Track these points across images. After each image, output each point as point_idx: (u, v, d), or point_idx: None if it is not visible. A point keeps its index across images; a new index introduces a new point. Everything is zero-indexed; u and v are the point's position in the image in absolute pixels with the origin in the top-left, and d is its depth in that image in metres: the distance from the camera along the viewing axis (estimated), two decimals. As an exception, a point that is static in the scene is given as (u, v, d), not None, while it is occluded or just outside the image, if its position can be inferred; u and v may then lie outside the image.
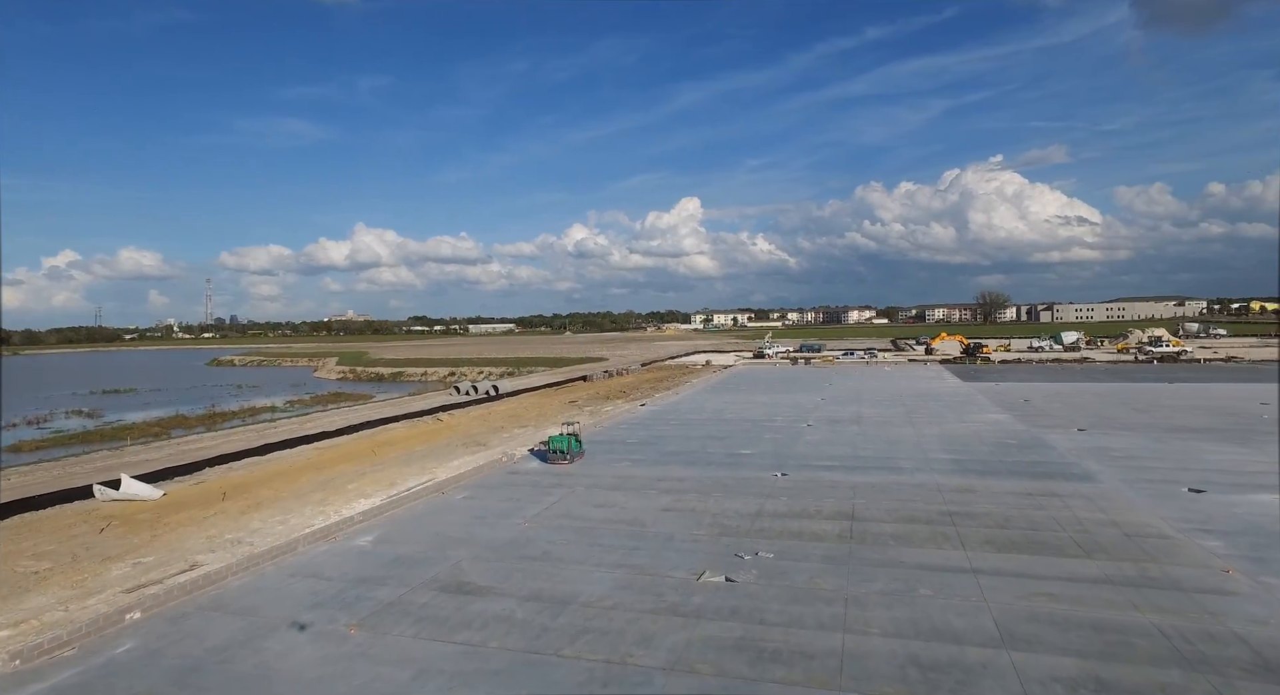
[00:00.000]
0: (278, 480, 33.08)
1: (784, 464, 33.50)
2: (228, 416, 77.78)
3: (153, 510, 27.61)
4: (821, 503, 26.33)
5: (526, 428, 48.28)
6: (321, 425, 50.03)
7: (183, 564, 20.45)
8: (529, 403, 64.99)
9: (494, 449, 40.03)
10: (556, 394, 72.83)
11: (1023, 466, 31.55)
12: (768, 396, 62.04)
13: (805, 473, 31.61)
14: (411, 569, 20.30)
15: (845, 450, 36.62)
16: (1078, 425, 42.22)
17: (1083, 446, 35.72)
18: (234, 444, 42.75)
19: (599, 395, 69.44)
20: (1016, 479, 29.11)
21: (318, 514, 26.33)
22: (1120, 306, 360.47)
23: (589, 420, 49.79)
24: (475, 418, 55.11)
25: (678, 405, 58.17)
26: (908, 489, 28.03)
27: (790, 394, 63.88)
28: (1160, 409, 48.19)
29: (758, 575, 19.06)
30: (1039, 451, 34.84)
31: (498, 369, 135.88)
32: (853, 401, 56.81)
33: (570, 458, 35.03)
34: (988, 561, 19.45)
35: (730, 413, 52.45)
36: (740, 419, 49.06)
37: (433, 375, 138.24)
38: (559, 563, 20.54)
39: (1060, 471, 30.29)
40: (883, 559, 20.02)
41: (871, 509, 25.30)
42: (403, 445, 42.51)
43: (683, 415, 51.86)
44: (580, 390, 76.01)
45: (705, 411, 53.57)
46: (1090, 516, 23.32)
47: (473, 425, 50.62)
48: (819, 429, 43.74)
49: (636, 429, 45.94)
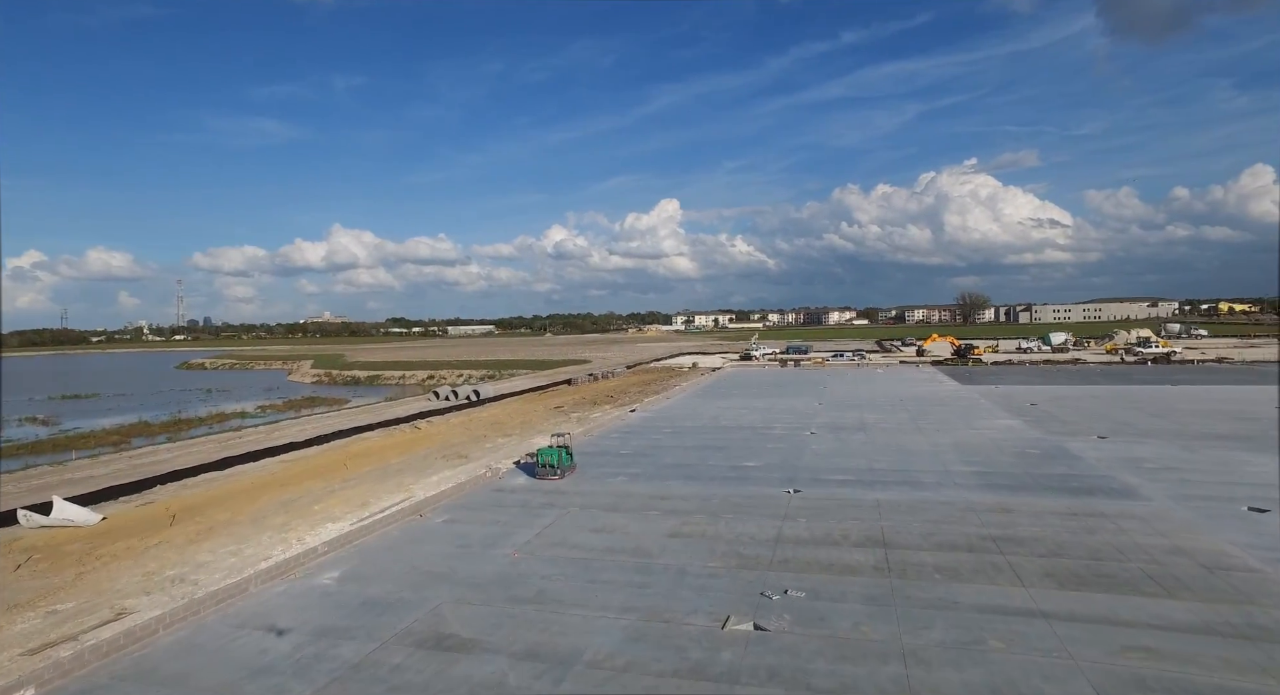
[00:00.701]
0: (236, 500, 29.72)
1: (794, 478, 30.75)
2: (194, 423, 73.78)
3: (86, 539, 24.21)
4: (845, 525, 23.58)
5: (511, 437, 45.15)
6: (290, 435, 46.51)
7: (107, 612, 17.20)
8: (512, 409, 61.80)
9: (477, 462, 36.90)
10: (541, 399, 69.67)
11: (1054, 480, 29.05)
12: (763, 401, 59.38)
13: (819, 489, 28.87)
14: (383, 615, 17.22)
15: (857, 462, 33.96)
16: (1097, 432, 39.94)
17: (1111, 456, 33.36)
18: (191, 457, 39.19)
19: (585, 400, 66.41)
20: (1054, 496, 26.57)
21: (277, 542, 23.10)
22: (1097, 307, 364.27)
23: (577, 428, 46.77)
24: (456, 426, 51.84)
25: (670, 411, 55.31)
26: (937, 508, 25.37)
27: (786, 398, 61.29)
28: (1175, 413, 46.14)
29: (791, 621, 16.23)
30: (1066, 462, 32.40)
31: (478, 372, 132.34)
32: (853, 406, 54.31)
33: (561, 472, 32.03)
34: (1056, 602, 16.76)
35: (727, 419, 49.68)
36: (738, 426, 46.30)
37: (411, 378, 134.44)
38: (557, 606, 17.55)
39: (1098, 486, 27.80)
40: (933, 598, 17.27)
41: (903, 533, 22.59)
42: (377, 457, 39.21)
43: (676, 422, 49.02)
44: (565, 395, 72.92)
45: (700, 418, 50.75)
46: (1153, 542, 20.75)
47: (453, 434, 47.38)
48: (824, 437, 41.09)
49: (629, 438, 43.00)
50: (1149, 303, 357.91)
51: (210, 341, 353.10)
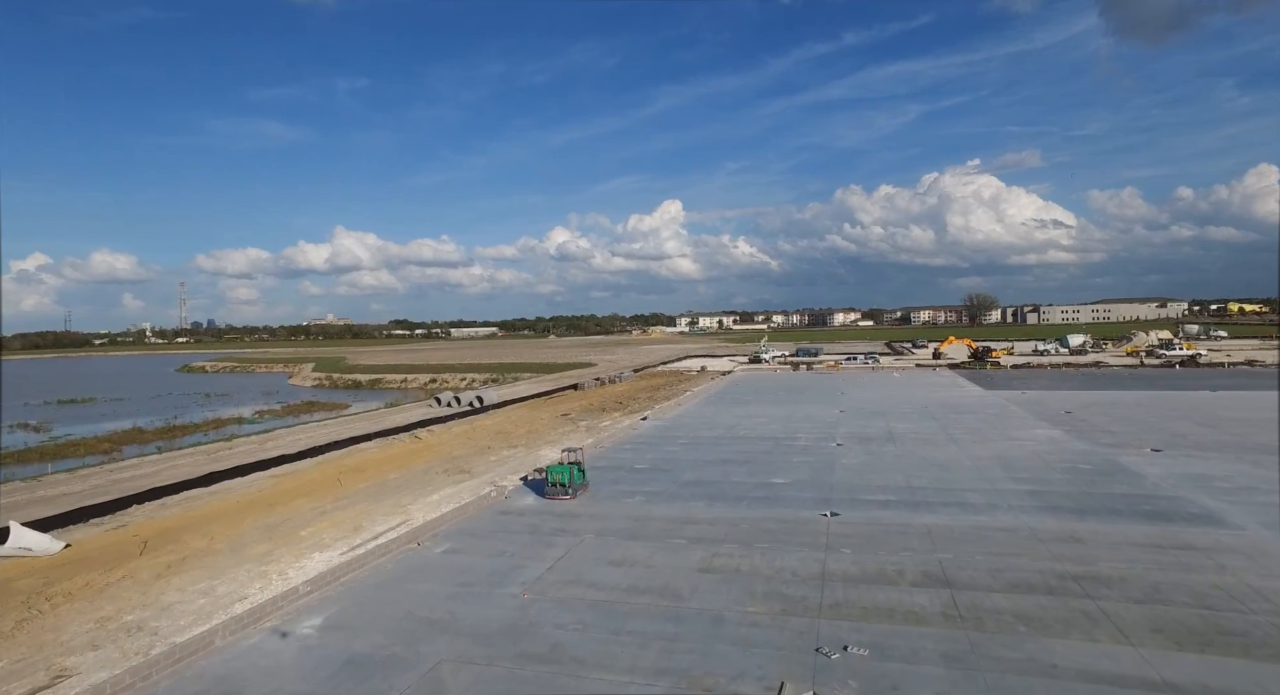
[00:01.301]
0: (216, 523, 27.06)
1: (829, 498, 27.97)
2: (189, 430, 71.39)
3: (42, 572, 21.56)
4: (898, 558, 20.80)
5: (516, 448, 42.45)
6: (283, 446, 43.87)
7: (42, 675, 14.52)
8: (517, 416, 59.12)
9: (480, 477, 34.20)
10: (546, 405, 66.97)
11: (1119, 502, 26.22)
12: (780, 408, 56.57)
13: (859, 511, 26.09)
14: (370, 679, 14.51)
15: (894, 478, 31.16)
16: (1148, 444, 37.07)
17: (1174, 473, 30.50)
18: (176, 471, 36.59)
19: (593, 406, 63.70)
20: (1127, 521, 23.74)
21: (255, 577, 20.43)
22: (1105, 308, 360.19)
23: (587, 439, 44.05)
24: (458, 435, 49.16)
25: (683, 419, 52.55)
26: (997, 536, 22.57)
27: (803, 405, 58.48)
28: (1227, 423, 43.20)
29: (859, 690, 13.49)
30: (1127, 480, 29.56)
31: (481, 376, 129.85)
32: (877, 414, 51.48)
33: (572, 491, 29.29)
34: (1178, 667, 13.96)
35: (745, 428, 46.90)
36: (758, 436, 43.51)
37: (413, 382, 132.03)
38: (576, 666, 14.82)
39: (1174, 510, 24.94)
40: (1023, 660, 14.49)
41: (966, 569, 19.81)
42: (374, 472, 36.54)
43: (692, 431, 46.25)
44: (572, 400, 70.20)
45: (716, 427, 47.98)
46: (1271, 586, 17.90)
47: (455, 445, 44.70)
48: (852, 450, 38.30)
49: (643, 450, 40.26)
50: (1158, 303, 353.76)
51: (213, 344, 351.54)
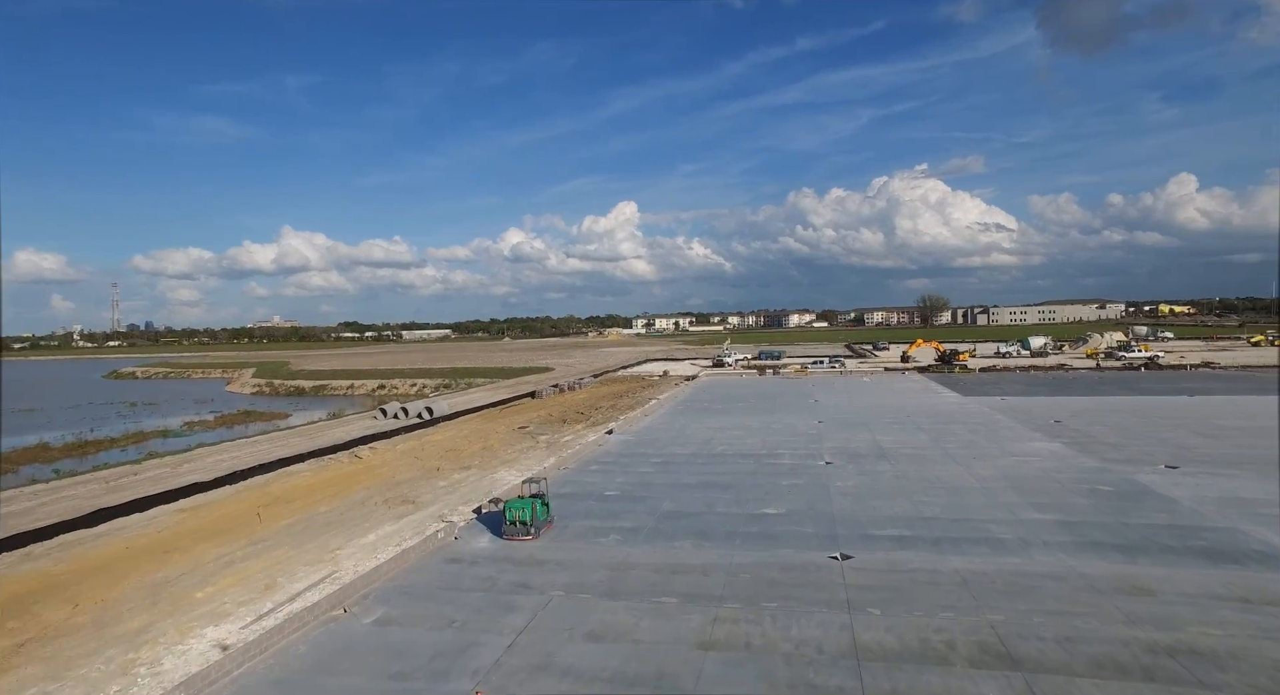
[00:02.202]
0: (90, 581, 21.88)
1: (834, 535, 24.13)
2: (104, 445, 64.68)
3: None
4: (940, 622, 16.98)
5: (469, 470, 37.74)
6: (199, 471, 38.31)
7: None
8: (470, 429, 54.21)
9: (427, 509, 29.50)
10: (502, 416, 62.12)
11: (1166, 536, 22.96)
12: (755, 419, 52.88)
13: (873, 551, 22.30)
14: None
15: (900, 506, 27.53)
16: (1156, 459, 34.32)
17: (1205, 496, 27.55)
18: (59, 506, 30.95)
19: (553, 417, 59.14)
20: (1188, 564, 20.34)
21: (115, 673, 15.56)
22: (1051, 309, 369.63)
23: (548, 458, 39.58)
24: (404, 453, 44.13)
25: (653, 432, 48.41)
26: (1047, 586, 18.95)
27: (779, 414, 54.91)
28: (1225, 433, 40.94)
29: None
30: (1160, 506, 26.43)
31: (433, 382, 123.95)
32: (859, 424, 48.13)
33: (535, 530, 24.85)
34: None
35: (721, 443, 42.98)
36: (738, 453, 39.62)
37: (360, 389, 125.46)
38: None
39: (1235, 547, 21.69)
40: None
41: (1028, 637, 16.07)
42: (302, 503, 31.48)
43: (664, 447, 42.13)
44: (529, 410, 65.47)
45: (690, 441, 43.96)
46: (1401, 657, 14.62)
47: (399, 466, 39.73)
48: (843, 469, 34.68)
49: (612, 471, 35.98)
50: (1097, 304, 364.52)
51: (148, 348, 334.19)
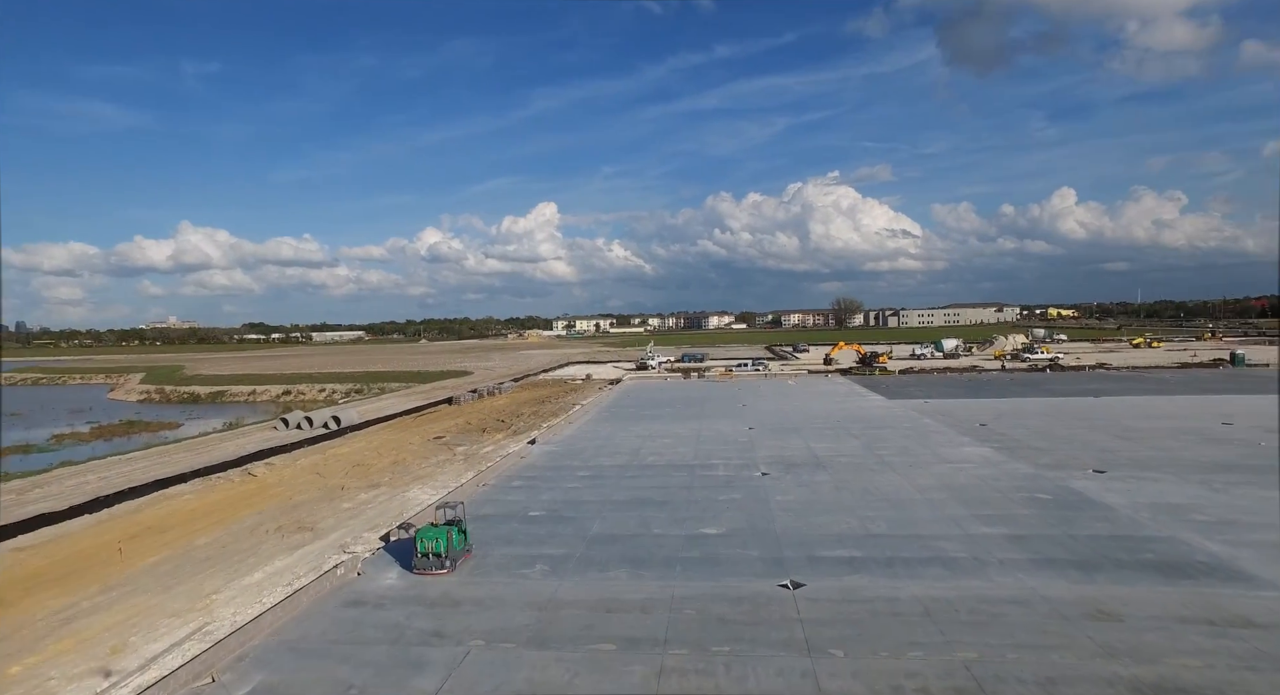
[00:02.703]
0: (-107, 648, 17.76)
1: (781, 558, 22.39)
2: (-52, 465, 56.91)
3: None
4: (910, 664, 15.31)
5: (378, 489, 34.33)
6: (54, 497, 33.40)
7: None
8: (381, 440, 50.31)
9: (327, 538, 26.17)
10: (416, 425, 58.27)
11: (1114, 548, 22.25)
12: (684, 425, 51.16)
13: (824, 577, 20.62)
14: None
15: (846, 522, 26.11)
16: (1082, 463, 34.42)
17: (1138, 502, 27.34)
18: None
19: (471, 426, 55.81)
20: (1145, 581, 19.48)
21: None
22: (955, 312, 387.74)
23: (466, 472, 36.58)
24: (305, 470, 40.11)
25: (578, 441, 45.94)
26: (1013, 615, 17.63)
27: (708, 420, 53.41)
28: (1138, 434, 41.87)
29: None
30: (1100, 514, 25.96)
31: (343, 387, 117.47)
32: (790, 430, 47.09)
33: (450, 562, 22.05)
34: None
35: (651, 453, 40.96)
36: (669, 464, 37.69)
37: (263, 395, 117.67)
38: None
39: (1183, 559, 21.06)
40: None
41: (1006, 679, 14.55)
42: (178, 534, 27.49)
43: (591, 459, 39.76)
44: (446, 418, 61.81)
45: (618, 452, 41.74)
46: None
47: (300, 485, 35.87)
48: (781, 480, 33.23)
49: (536, 487, 33.35)
50: (995, 308, 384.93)
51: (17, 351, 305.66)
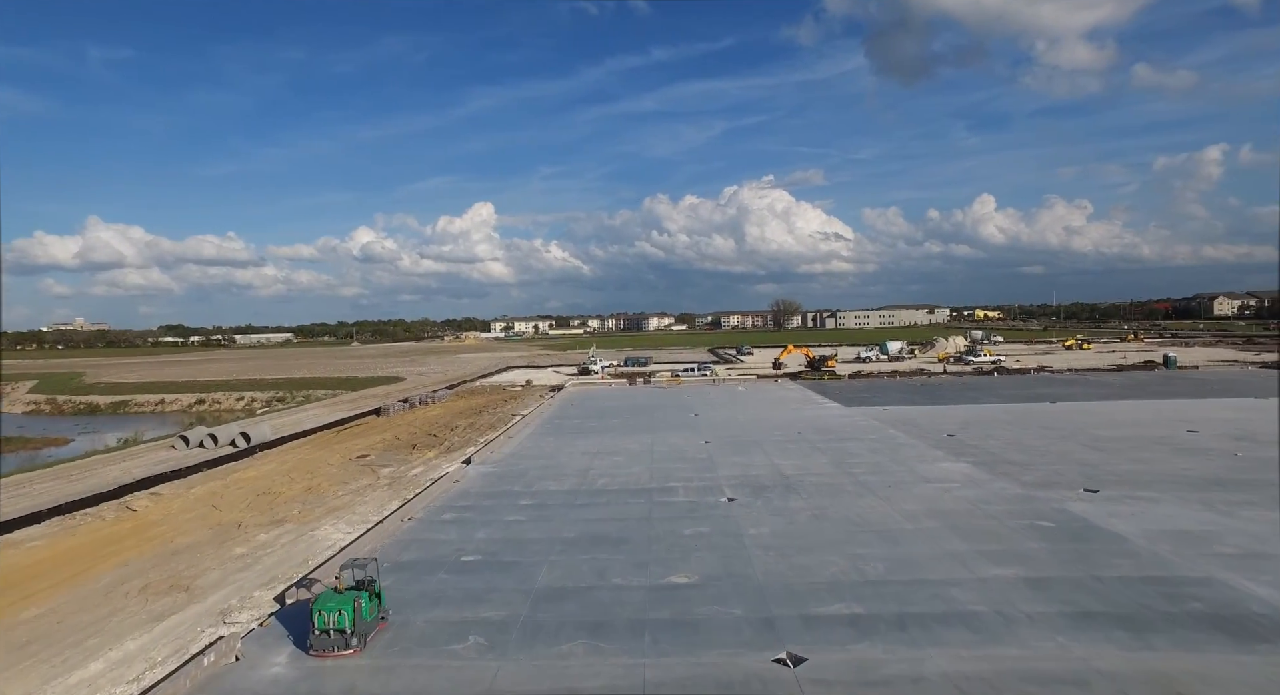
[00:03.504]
0: None
1: (770, 618, 18.51)
2: None
3: None
4: (964, 789, 11.61)
5: (282, 526, 29.13)
6: None
7: None
8: (296, 460, 44.63)
9: (205, 600, 21.09)
10: (339, 441, 52.56)
11: (1148, 594, 19.12)
12: (635, 439, 47.10)
13: (826, 644, 16.83)
14: None
15: (835, 564, 22.44)
16: (1075, 482, 31.82)
17: (1150, 530, 24.54)
18: None
19: (399, 441, 50.51)
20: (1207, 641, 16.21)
21: None
22: (890, 313, 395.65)
23: (391, 499, 31.65)
24: (198, 501, 34.41)
25: (518, 460, 41.37)
26: (1066, 698, 14.19)
27: (659, 432, 49.50)
28: (1111, 445, 39.83)
29: None
30: (1114, 548, 22.98)
31: (264, 395, 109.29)
32: (750, 444, 43.56)
33: (359, 639, 17.38)
34: None
35: (602, 473, 36.77)
36: (623, 487, 33.56)
37: (173, 405, 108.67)
38: None
39: (1232, 607, 17.97)
40: None
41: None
42: (11, 598, 21.90)
43: (534, 482, 35.31)
44: (373, 431, 56.21)
45: (565, 473, 37.38)
46: None
47: (186, 523, 30.30)
48: (751, 507, 29.50)
49: (471, 521, 28.73)
50: (927, 309, 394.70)
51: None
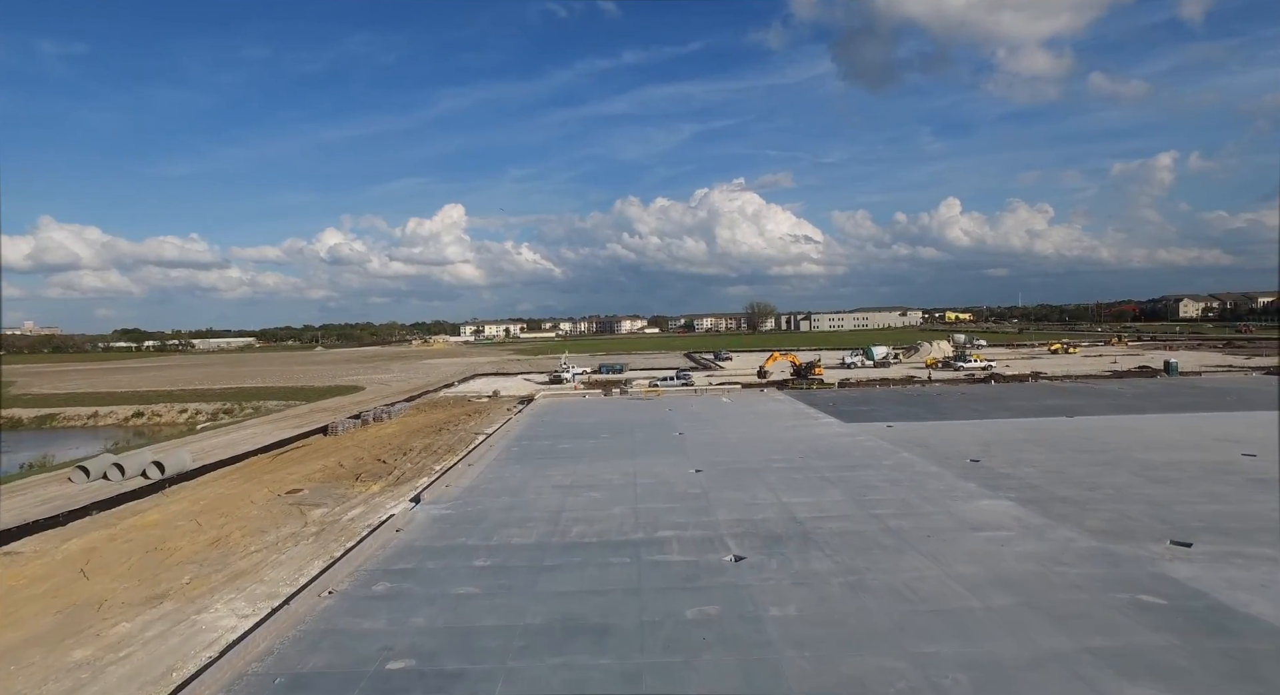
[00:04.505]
0: None
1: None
2: None
3: None
4: None
5: (160, 603, 22.22)
6: None
7: None
8: (213, 498, 37.53)
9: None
10: (273, 468, 45.43)
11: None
12: (612, 466, 40.70)
13: None
14: None
15: (903, 675, 16.31)
16: (1157, 532, 26.12)
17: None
18: None
19: (343, 469, 43.61)
20: None
21: None
22: (864, 316, 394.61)
23: (313, 558, 24.88)
24: (63, 564, 27.29)
25: (477, 497, 34.78)
26: None
27: (641, 456, 43.19)
28: (1166, 474, 34.38)
29: None
30: (1266, 643, 17.28)
31: (210, 406, 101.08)
32: (747, 474, 37.43)
33: None
34: None
35: (576, 517, 30.36)
36: (603, 541, 27.15)
37: (108, 418, 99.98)
38: None
39: None
40: None
41: None
42: None
43: (493, 532, 28.76)
44: (314, 457, 49.13)
45: (531, 516, 30.89)
46: None
47: (28, 603, 23.24)
48: (764, 570, 23.28)
49: (410, 598, 22.09)
50: (900, 311, 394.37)
51: None
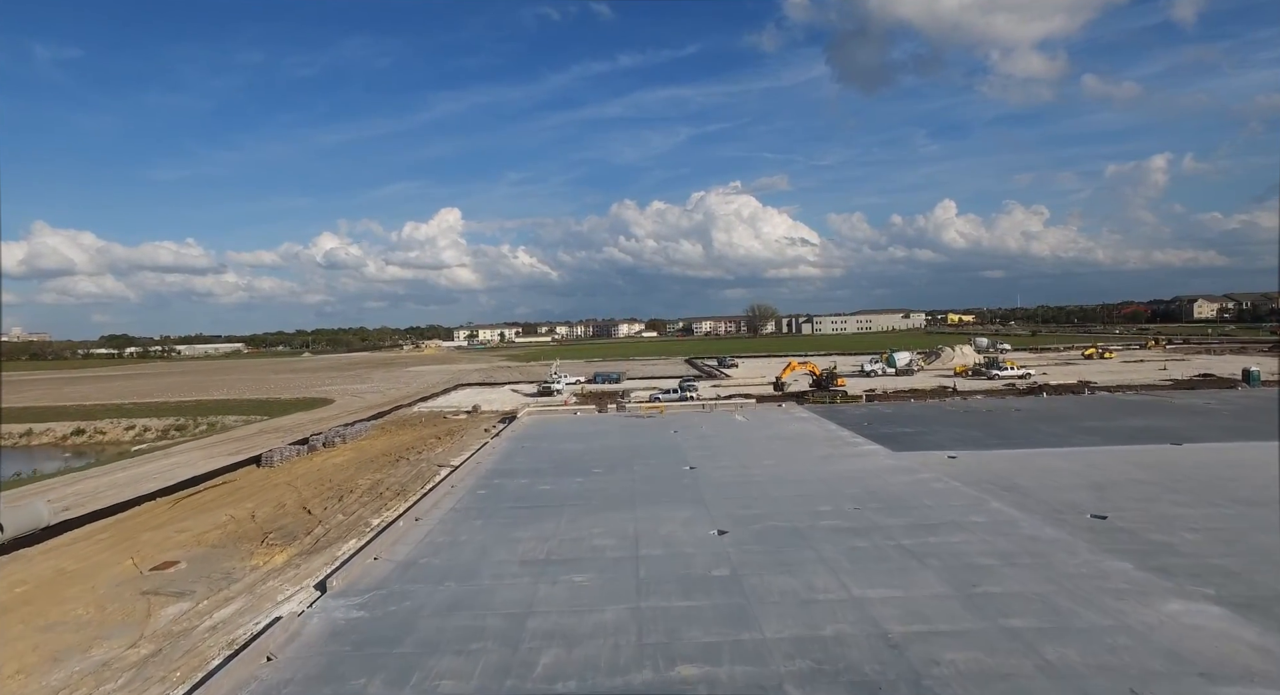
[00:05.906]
0: None
1: None
2: None
3: None
4: None
5: None
6: None
7: None
8: (43, 578, 27.10)
9: None
10: (160, 524, 34.99)
11: None
12: (606, 524, 30.32)
13: None
14: None
15: None
16: None
17: None
18: None
19: (253, 524, 33.26)
20: None
21: None
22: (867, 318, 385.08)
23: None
24: None
25: (411, 583, 24.38)
26: None
27: (643, 506, 32.86)
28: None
29: None
30: None
31: (163, 422, 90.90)
32: (793, 540, 27.13)
33: None
34: None
35: (549, 630, 20.02)
36: (592, 690, 16.91)
37: (44, 436, 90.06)
38: None
39: None
40: None
41: None
42: None
43: (416, 660, 18.36)
44: (227, 501, 38.73)
45: (481, 626, 20.52)
46: None
47: None
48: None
49: None
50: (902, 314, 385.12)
51: None
